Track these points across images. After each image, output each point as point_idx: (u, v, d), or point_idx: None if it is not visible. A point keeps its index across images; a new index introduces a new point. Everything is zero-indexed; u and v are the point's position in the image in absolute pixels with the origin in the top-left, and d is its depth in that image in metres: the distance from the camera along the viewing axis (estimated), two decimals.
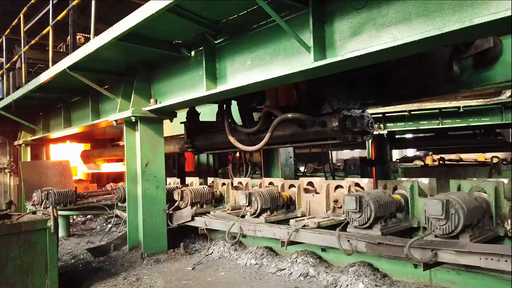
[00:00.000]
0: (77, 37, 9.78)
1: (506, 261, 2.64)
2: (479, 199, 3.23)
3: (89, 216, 8.91)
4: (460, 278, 3.41)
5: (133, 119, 5.29)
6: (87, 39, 7.92)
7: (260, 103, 5.27)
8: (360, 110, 4.41)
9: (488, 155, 8.81)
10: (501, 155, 8.73)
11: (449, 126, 8.90)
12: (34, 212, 4.61)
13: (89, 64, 5.27)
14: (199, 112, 6.60)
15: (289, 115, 4.53)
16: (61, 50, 10.73)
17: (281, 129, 4.84)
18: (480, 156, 10.03)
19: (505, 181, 3.32)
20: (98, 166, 11.67)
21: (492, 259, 2.69)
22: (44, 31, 6.77)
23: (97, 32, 4.61)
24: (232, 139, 5.36)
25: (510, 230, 3.20)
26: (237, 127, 5.39)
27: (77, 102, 7.82)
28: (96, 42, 4.47)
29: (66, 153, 11.51)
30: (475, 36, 2.65)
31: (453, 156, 10.00)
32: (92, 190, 9.26)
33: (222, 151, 6.23)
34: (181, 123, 6.41)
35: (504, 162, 8.05)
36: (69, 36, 7.35)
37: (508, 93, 7.80)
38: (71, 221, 8.26)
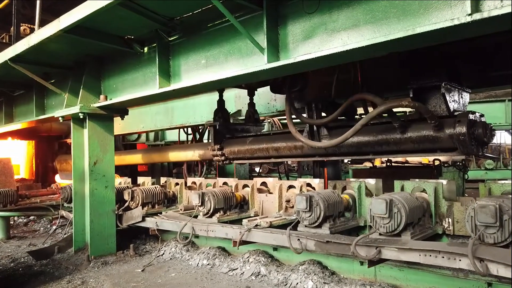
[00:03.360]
0: (22, 27, 9.23)
1: (443, 257, 2.81)
2: (420, 198, 3.41)
3: (32, 218, 8.41)
4: (402, 274, 3.58)
5: (81, 116, 5.06)
6: (32, 30, 7.49)
7: (303, 88, 4.22)
8: (479, 114, 3.37)
9: (431, 158, 9.37)
10: (442, 158, 9.30)
11: None
12: None
13: (33, 56, 4.99)
14: (229, 112, 5.49)
15: (405, 102, 3.21)
16: (4, 41, 10.09)
17: (364, 132, 3.64)
18: (424, 159, 10.64)
19: (444, 182, 3.53)
20: None
21: (430, 256, 2.85)
22: None
23: (45, 24, 4.37)
24: (310, 143, 3.97)
25: (448, 228, 3.42)
26: (299, 115, 4.15)
27: (20, 96, 7.37)
28: (41, 34, 4.24)
29: (7, 150, 10.80)
30: (419, 44, 2.78)
31: (400, 158, 10.52)
32: (36, 189, 8.76)
33: (265, 160, 4.93)
34: (206, 125, 5.32)
35: (445, 165, 8.57)
36: (12, 26, 6.92)
37: None
38: (11, 222, 7.74)
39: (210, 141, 5.37)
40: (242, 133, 5.32)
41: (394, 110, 3.46)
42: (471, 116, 3.25)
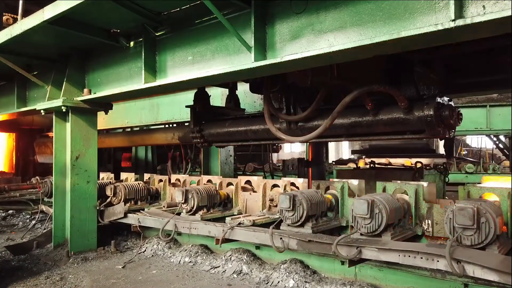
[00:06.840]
0: (5, 17, 9.01)
1: (422, 258, 2.86)
2: (401, 200, 3.46)
3: (10, 212, 8.22)
4: (381, 274, 3.63)
5: (64, 109, 4.97)
6: (15, 20, 7.32)
7: (281, 88, 4.20)
8: (447, 98, 3.46)
9: (413, 160, 9.52)
10: (424, 161, 9.47)
11: None
12: None
13: (16, 47, 4.89)
14: (209, 95, 5.49)
15: (376, 86, 3.32)
16: None
17: (340, 116, 3.73)
18: (406, 161, 10.81)
19: (425, 184, 3.60)
20: None
21: (409, 256, 2.91)
22: None
23: (29, 14, 4.28)
24: (273, 128, 4.15)
25: (427, 230, 3.48)
26: (278, 113, 4.25)
27: (1, 88, 7.19)
28: (24, 24, 4.15)
29: None
30: (404, 47, 2.81)
31: (383, 160, 10.67)
32: (16, 183, 8.58)
33: (244, 143, 5.07)
34: (186, 106, 5.45)
35: (427, 168, 8.72)
36: None
37: None
38: None
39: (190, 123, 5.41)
40: (222, 116, 5.30)
41: None
42: (438, 99, 3.33)
